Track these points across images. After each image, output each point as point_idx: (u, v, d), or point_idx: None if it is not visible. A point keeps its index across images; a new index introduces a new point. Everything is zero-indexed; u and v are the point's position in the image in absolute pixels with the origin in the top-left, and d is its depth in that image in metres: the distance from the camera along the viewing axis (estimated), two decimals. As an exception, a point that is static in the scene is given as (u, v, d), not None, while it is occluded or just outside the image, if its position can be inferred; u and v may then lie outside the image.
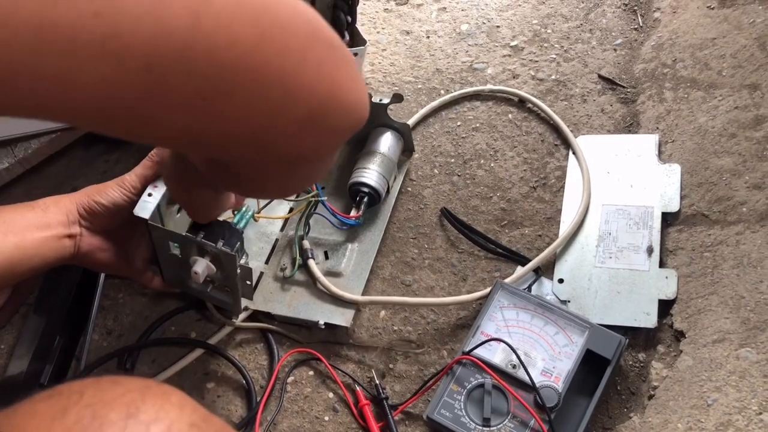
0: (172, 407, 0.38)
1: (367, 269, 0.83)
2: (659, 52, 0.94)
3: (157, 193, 0.71)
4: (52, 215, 0.70)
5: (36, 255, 0.68)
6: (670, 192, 0.82)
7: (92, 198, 0.71)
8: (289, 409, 0.79)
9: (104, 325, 0.87)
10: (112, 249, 0.75)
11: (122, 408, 0.36)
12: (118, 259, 0.76)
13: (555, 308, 0.71)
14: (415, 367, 0.79)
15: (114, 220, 0.73)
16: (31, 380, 0.81)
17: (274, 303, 0.83)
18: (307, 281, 0.84)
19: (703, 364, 0.70)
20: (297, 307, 0.82)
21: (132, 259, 0.78)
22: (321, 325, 0.79)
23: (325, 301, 0.82)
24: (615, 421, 0.72)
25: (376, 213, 0.87)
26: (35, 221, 0.68)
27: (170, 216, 0.75)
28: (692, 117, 0.86)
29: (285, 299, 0.83)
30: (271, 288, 0.84)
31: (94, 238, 0.72)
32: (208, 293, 0.78)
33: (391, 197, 0.88)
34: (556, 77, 0.96)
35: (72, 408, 0.36)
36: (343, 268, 0.84)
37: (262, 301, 0.83)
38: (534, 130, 0.92)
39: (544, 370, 0.69)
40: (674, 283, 0.76)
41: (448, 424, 0.69)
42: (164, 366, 0.83)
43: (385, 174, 0.85)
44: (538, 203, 0.86)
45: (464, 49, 1.01)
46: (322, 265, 0.84)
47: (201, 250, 0.72)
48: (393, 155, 0.87)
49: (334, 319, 0.80)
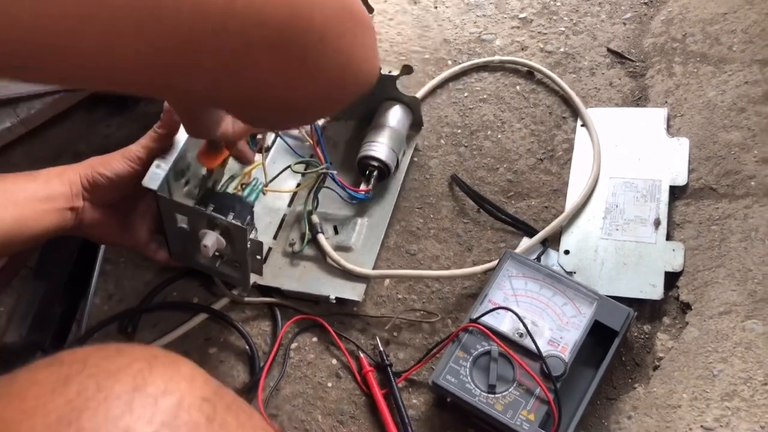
0: (182, 379, 0.36)
1: (377, 243, 0.82)
2: (669, 27, 0.93)
3: (165, 165, 0.69)
4: (55, 187, 0.68)
5: (36, 227, 0.66)
6: (679, 165, 0.82)
7: (96, 170, 0.69)
8: (292, 375, 0.78)
9: (105, 289, 0.87)
10: (115, 222, 0.74)
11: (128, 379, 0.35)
12: (120, 231, 0.75)
13: (564, 279, 0.71)
14: (419, 335, 0.79)
15: (118, 193, 0.71)
16: (32, 344, 0.81)
17: (283, 278, 0.82)
18: (317, 256, 0.83)
19: (709, 335, 0.70)
20: (307, 282, 0.81)
21: (135, 232, 0.76)
22: (332, 299, 0.78)
23: (336, 276, 0.81)
24: (619, 391, 0.72)
25: (386, 187, 0.86)
26: (37, 193, 0.67)
27: (178, 189, 0.73)
28: (701, 91, 0.86)
29: (294, 274, 0.82)
30: (280, 263, 0.83)
31: (96, 210, 0.71)
32: (216, 268, 0.77)
33: (400, 171, 0.86)
34: (565, 50, 0.95)
35: (74, 378, 0.34)
36: (353, 242, 0.83)
37: (271, 277, 0.82)
38: (542, 102, 0.91)
39: (551, 339, 0.68)
40: (681, 256, 0.76)
41: (453, 389, 0.68)
42: (166, 331, 0.82)
43: (394, 148, 0.84)
44: (545, 175, 0.86)
45: (472, 19, 1.00)
46: (332, 239, 0.83)
47: (210, 223, 0.71)
48: (402, 129, 0.86)
49: (345, 294, 0.79)
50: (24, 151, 0.91)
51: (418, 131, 0.90)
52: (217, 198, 0.72)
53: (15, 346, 0.81)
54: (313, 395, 0.77)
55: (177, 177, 0.72)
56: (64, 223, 0.69)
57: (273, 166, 0.85)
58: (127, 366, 0.35)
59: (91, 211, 0.70)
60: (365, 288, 0.80)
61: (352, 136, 0.91)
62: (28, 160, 0.92)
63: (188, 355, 0.81)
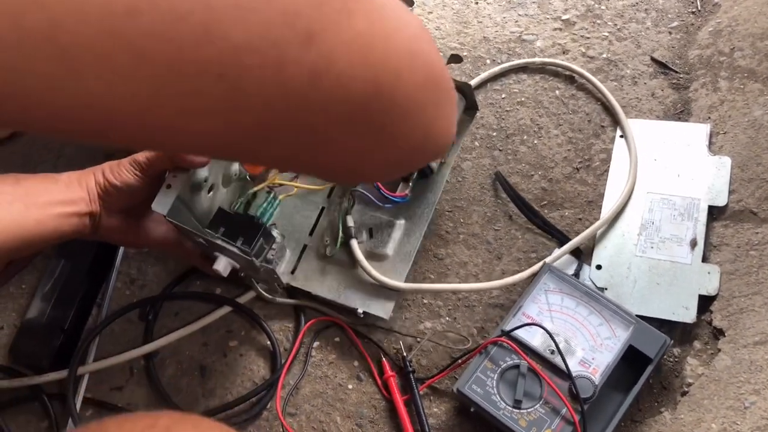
0: None
1: (413, 252, 0.78)
2: (717, 39, 0.91)
3: (176, 184, 0.67)
4: (75, 191, 0.67)
5: (55, 230, 0.65)
6: (719, 185, 0.80)
7: (107, 178, 0.68)
8: (312, 375, 0.77)
9: (128, 273, 0.86)
10: (132, 226, 0.73)
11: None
12: (138, 236, 0.74)
13: (601, 299, 0.70)
14: (443, 341, 0.77)
15: (130, 200, 0.70)
16: (53, 323, 0.80)
17: (314, 282, 0.79)
18: (349, 261, 0.79)
19: (742, 365, 0.68)
20: (337, 291, 0.78)
21: (155, 235, 0.75)
22: (359, 313, 0.76)
23: (366, 287, 0.78)
24: (644, 414, 0.71)
25: (427, 186, 0.81)
26: (58, 196, 0.66)
27: (198, 199, 0.72)
28: (747, 109, 0.83)
29: (326, 280, 0.79)
30: (313, 266, 0.80)
31: (112, 216, 0.70)
32: (241, 276, 0.77)
33: (445, 167, 0.81)
34: (608, 56, 0.92)
35: None
36: (387, 250, 0.79)
37: (303, 279, 0.80)
38: (581, 109, 0.89)
39: (583, 360, 0.67)
40: (716, 279, 0.74)
41: (478, 400, 0.67)
42: (187, 320, 0.82)
43: None
44: (581, 185, 0.84)
45: (514, 18, 0.97)
46: (366, 244, 0.79)
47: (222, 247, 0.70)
48: None
49: (373, 309, 0.76)
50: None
51: (472, 116, 0.84)
52: (229, 220, 0.70)
53: (37, 323, 0.81)
54: (333, 396, 0.76)
55: (197, 187, 0.71)
56: (83, 228, 0.68)
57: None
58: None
59: (106, 217, 0.69)
60: (394, 305, 0.77)
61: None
62: (44, 143, 0.91)
63: (208, 347, 0.81)
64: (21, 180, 0.66)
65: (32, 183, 0.66)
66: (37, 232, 0.64)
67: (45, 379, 0.78)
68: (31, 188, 0.65)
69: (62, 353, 0.80)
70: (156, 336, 0.81)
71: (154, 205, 0.66)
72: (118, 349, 0.81)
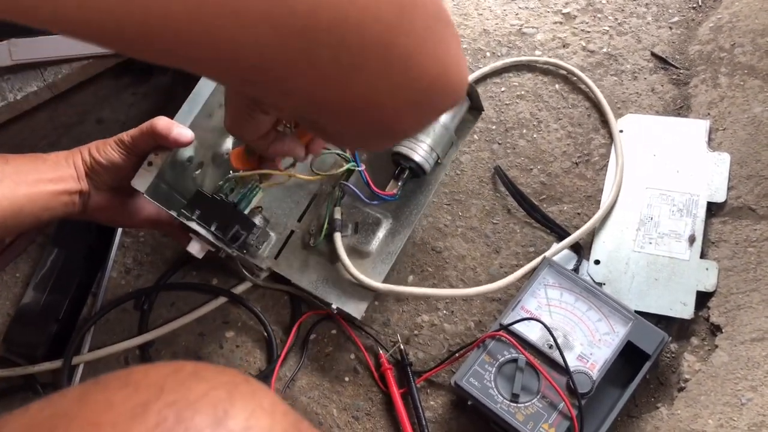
0: (263, 413, 0.34)
1: (395, 253, 0.77)
2: (717, 35, 0.90)
3: (157, 162, 0.66)
4: (64, 170, 0.67)
5: (45, 208, 0.65)
6: (718, 181, 0.80)
7: (93, 156, 0.68)
8: (309, 367, 0.77)
9: (123, 263, 0.85)
10: (120, 206, 0.72)
11: (209, 410, 0.33)
12: (127, 215, 0.73)
13: (601, 294, 0.69)
14: (440, 335, 0.77)
15: (116, 179, 0.69)
16: (47, 311, 0.80)
17: (294, 271, 0.78)
18: (331, 253, 0.78)
19: (740, 361, 0.68)
20: (315, 283, 0.77)
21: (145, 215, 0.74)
22: (333, 309, 0.74)
23: (344, 283, 0.76)
24: (641, 409, 0.71)
25: (420, 186, 0.80)
26: (48, 174, 0.66)
27: (184, 177, 0.71)
28: (747, 106, 0.83)
29: (306, 270, 0.78)
30: (297, 253, 0.80)
31: (101, 195, 0.69)
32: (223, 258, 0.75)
33: (441, 168, 0.80)
34: (608, 50, 0.92)
35: (152, 405, 0.32)
36: (370, 247, 0.78)
37: (285, 265, 0.79)
38: (581, 103, 0.89)
39: (581, 355, 0.67)
40: (714, 276, 0.74)
41: (476, 393, 0.67)
42: (182, 310, 0.81)
43: (434, 145, 0.77)
44: (580, 180, 0.84)
45: (514, 11, 0.97)
46: (350, 239, 0.78)
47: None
48: (449, 122, 0.78)
49: (346, 307, 0.75)
50: (48, 116, 0.89)
51: (476, 117, 0.82)
52: (206, 203, 0.68)
53: (31, 312, 0.80)
54: (330, 389, 0.76)
55: (179, 168, 0.69)
56: (73, 206, 0.68)
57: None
58: (206, 394, 0.34)
59: (95, 196, 0.69)
60: (368, 305, 0.76)
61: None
62: (53, 125, 0.90)
63: (204, 337, 0.80)
64: (9, 159, 0.65)
65: (21, 162, 0.65)
66: (28, 209, 0.64)
67: (39, 368, 0.77)
68: (20, 166, 0.65)
69: (57, 343, 0.79)
70: (151, 326, 0.80)
71: (133, 182, 0.66)
72: (114, 339, 0.80)
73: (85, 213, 0.70)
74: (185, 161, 0.70)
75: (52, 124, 0.89)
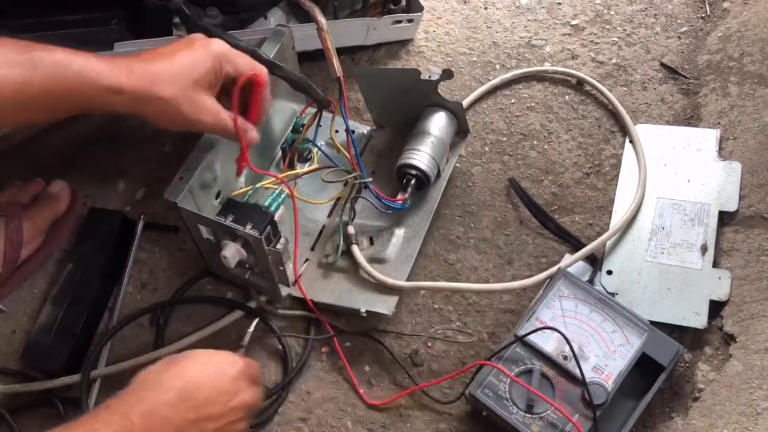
0: None
1: (413, 255, 0.80)
2: (726, 44, 0.91)
3: (187, 177, 0.71)
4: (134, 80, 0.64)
5: (94, 83, 0.62)
6: (729, 191, 0.80)
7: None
8: (324, 379, 0.78)
9: (139, 278, 0.86)
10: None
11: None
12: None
13: (615, 305, 0.70)
14: (453, 347, 0.78)
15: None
16: (65, 328, 0.80)
17: (316, 290, 0.80)
18: (351, 268, 0.80)
19: (754, 371, 0.68)
20: (339, 294, 0.79)
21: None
22: (362, 313, 0.76)
23: (368, 288, 0.79)
24: (656, 419, 0.71)
25: (425, 197, 0.83)
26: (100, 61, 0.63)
27: (208, 201, 0.75)
28: (757, 115, 0.84)
29: (328, 286, 0.80)
30: (315, 275, 0.81)
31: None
32: (247, 279, 0.77)
33: (441, 181, 0.83)
34: (617, 61, 0.93)
35: None
36: (388, 254, 0.80)
37: (306, 289, 0.80)
38: (591, 114, 0.89)
39: (596, 366, 0.67)
40: (727, 285, 0.74)
41: (490, 404, 0.68)
42: (198, 324, 0.82)
43: (435, 156, 0.80)
44: (591, 190, 0.84)
45: (523, 23, 0.98)
46: (367, 251, 0.81)
47: (231, 234, 0.71)
48: (445, 136, 0.82)
49: (376, 307, 0.76)
50: (66, 134, 0.90)
51: (464, 138, 0.86)
52: (238, 208, 0.72)
53: (49, 327, 0.81)
54: (344, 401, 0.76)
55: (204, 187, 0.73)
56: (123, 105, 0.64)
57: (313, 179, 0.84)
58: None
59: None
60: (396, 301, 0.77)
61: (393, 143, 0.88)
62: (70, 143, 0.91)
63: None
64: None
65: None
66: (76, 81, 0.61)
67: (58, 383, 0.78)
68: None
69: (74, 357, 0.80)
70: (167, 341, 0.81)
71: (166, 194, 0.70)
72: (130, 353, 0.81)
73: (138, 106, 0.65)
74: (210, 182, 0.75)
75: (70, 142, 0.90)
